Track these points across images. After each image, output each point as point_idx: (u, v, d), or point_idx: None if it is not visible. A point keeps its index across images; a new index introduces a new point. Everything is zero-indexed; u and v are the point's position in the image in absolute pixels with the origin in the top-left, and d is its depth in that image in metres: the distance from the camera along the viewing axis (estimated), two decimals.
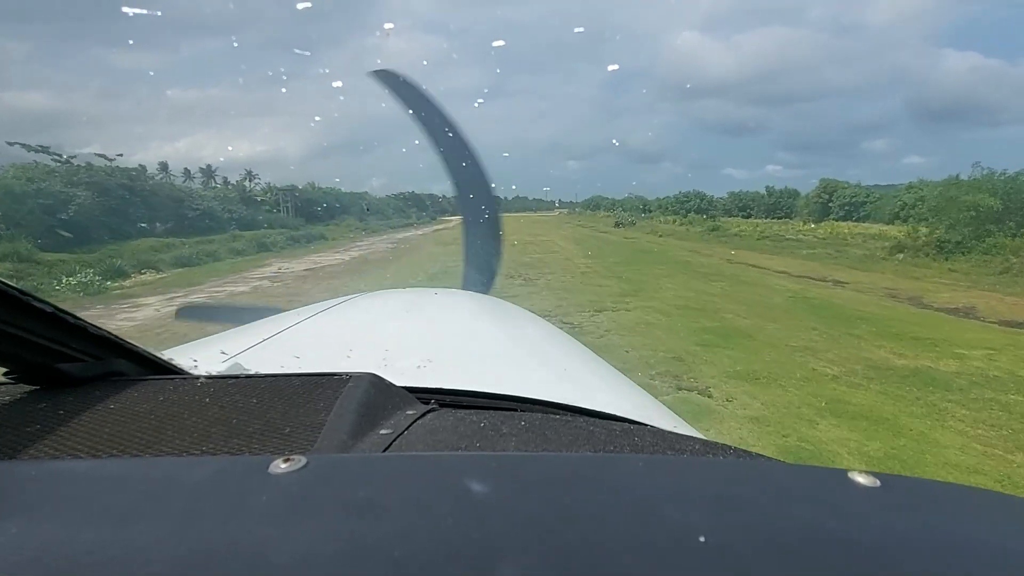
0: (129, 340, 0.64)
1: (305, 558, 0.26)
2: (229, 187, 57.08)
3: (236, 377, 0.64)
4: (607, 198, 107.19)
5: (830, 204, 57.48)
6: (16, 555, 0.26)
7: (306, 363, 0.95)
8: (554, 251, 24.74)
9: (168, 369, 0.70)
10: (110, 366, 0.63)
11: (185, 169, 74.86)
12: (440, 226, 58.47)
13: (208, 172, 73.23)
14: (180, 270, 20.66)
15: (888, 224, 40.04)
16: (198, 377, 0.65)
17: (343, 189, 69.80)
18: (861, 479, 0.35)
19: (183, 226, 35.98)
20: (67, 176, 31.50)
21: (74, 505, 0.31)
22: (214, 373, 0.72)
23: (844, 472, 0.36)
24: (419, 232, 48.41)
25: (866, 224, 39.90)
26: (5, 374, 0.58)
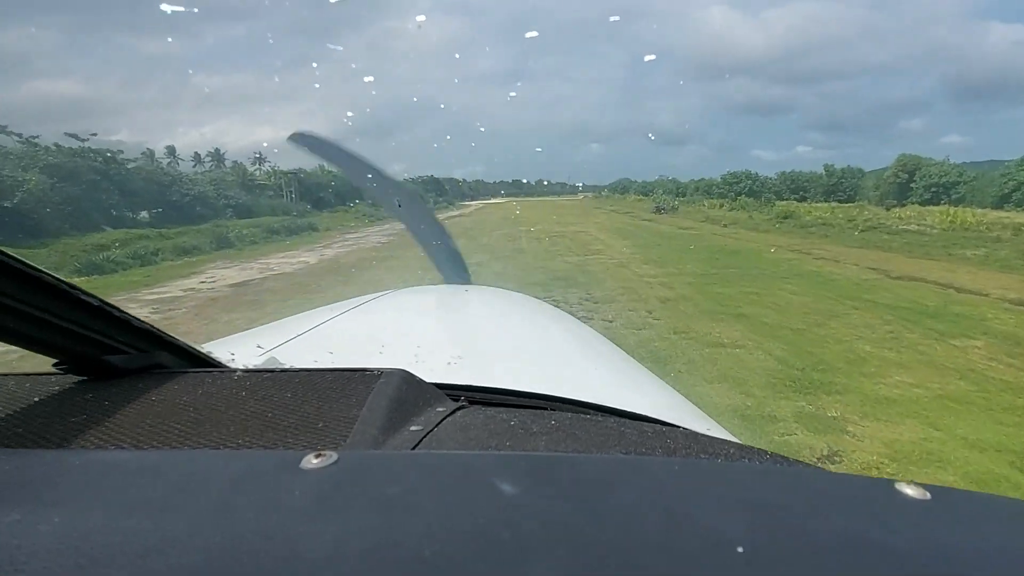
0: (170, 334, 0.67)
1: (334, 554, 0.26)
2: (227, 171, 52.59)
3: (272, 371, 0.66)
4: (635, 181, 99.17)
5: (912, 184, 49.19)
6: (59, 543, 0.27)
7: (339, 358, 0.94)
8: (597, 250, 17.93)
9: (207, 362, 0.72)
10: (153, 359, 0.65)
11: (195, 153, 70.02)
12: (456, 212, 51.95)
13: (217, 156, 68.06)
14: (106, 276, 16.44)
15: (997, 208, 32.14)
16: (236, 370, 0.66)
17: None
18: (909, 490, 0.34)
19: (165, 215, 31.83)
20: (24, 158, 26.77)
21: (116, 495, 0.32)
22: (251, 367, 0.73)
23: (891, 482, 0.34)
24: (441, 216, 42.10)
25: (974, 208, 31.73)
26: (55, 365, 0.59)
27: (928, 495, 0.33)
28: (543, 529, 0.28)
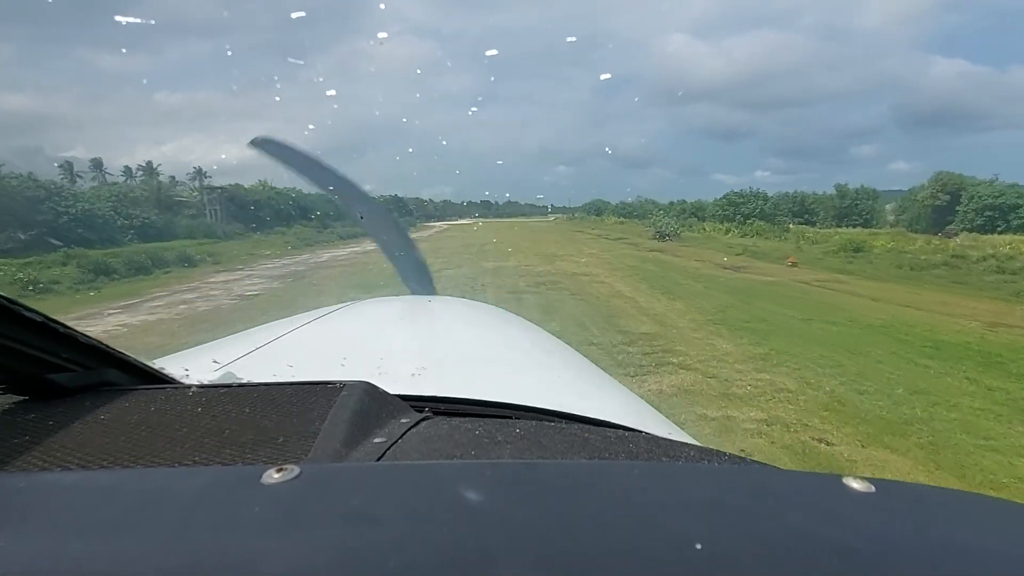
0: (120, 350, 0.63)
1: (298, 569, 0.26)
2: (137, 186, 44.92)
3: (228, 386, 0.64)
4: (609, 202, 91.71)
5: (957, 208, 41.72)
6: (4, 567, 0.26)
7: (299, 372, 0.92)
8: (622, 311, 9.70)
9: (159, 379, 0.69)
10: (101, 376, 0.62)
11: (125, 167, 59.68)
12: (415, 234, 42.68)
13: (149, 170, 57.98)
14: None
15: None
16: (190, 386, 0.64)
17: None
18: (855, 484, 0.35)
19: (29, 239, 24.39)
20: None
21: (64, 517, 0.31)
22: (206, 382, 0.71)
23: (839, 477, 0.36)
24: (370, 247, 32.62)
25: None
26: None
27: (872, 488, 0.34)
28: (509, 536, 0.28)
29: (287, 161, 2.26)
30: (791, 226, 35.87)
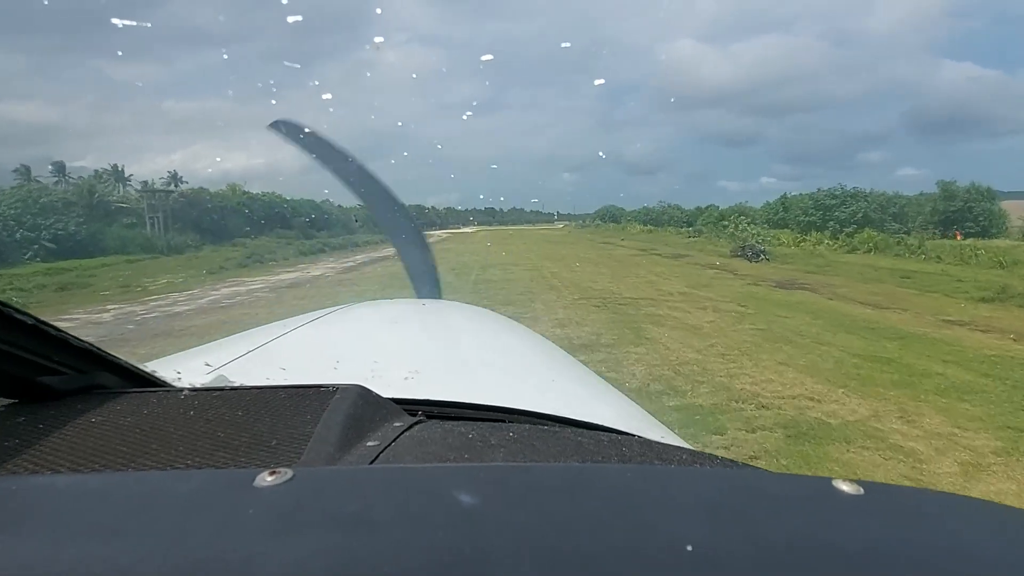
0: (112, 352, 0.63)
1: (291, 573, 0.25)
2: (69, 189, 37.79)
3: (221, 389, 0.64)
4: (623, 209, 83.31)
5: None
6: None
7: (292, 375, 0.92)
8: None
9: (152, 382, 0.69)
10: (92, 379, 0.62)
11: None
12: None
13: (116, 173, 51.27)
14: None
15: None
16: (182, 389, 0.64)
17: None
18: (845, 487, 0.35)
19: None
20: None
21: (54, 521, 0.30)
22: (198, 385, 0.71)
23: (828, 480, 0.36)
24: (341, 264, 24.86)
25: None
26: None
27: (862, 490, 0.34)
28: (503, 539, 0.28)
29: (306, 147, 2.12)
30: (934, 238, 26.07)
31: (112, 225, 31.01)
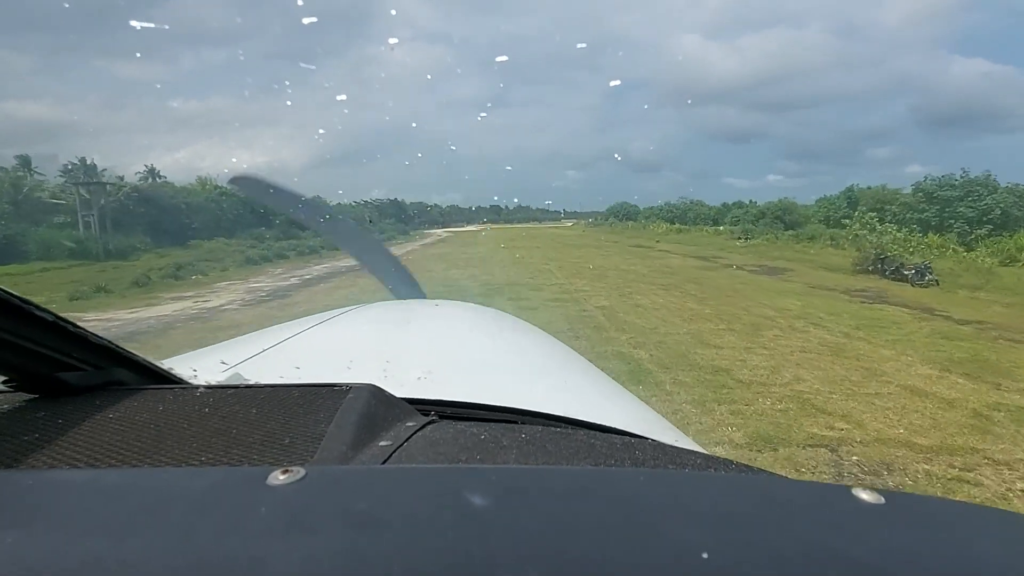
0: (129, 350, 0.64)
1: (302, 571, 0.26)
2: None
3: (236, 387, 0.64)
4: (636, 206, 76.13)
5: None
6: (11, 566, 0.26)
7: (306, 374, 0.93)
8: None
9: (168, 379, 0.70)
10: (110, 375, 0.63)
11: (70, 165, 46.18)
12: (399, 249, 27.54)
13: (85, 167, 43.86)
14: None
15: None
16: (198, 387, 0.65)
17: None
18: (865, 496, 0.34)
19: None
20: None
21: (72, 516, 0.31)
22: (214, 383, 0.71)
23: (848, 489, 0.35)
24: (275, 283, 18.29)
25: None
26: (4, 382, 0.57)
27: (883, 500, 0.34)
28: (514, 542, 0.28)
29: (264, 197, 2.35)
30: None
31: (40, 226, 26.70)
